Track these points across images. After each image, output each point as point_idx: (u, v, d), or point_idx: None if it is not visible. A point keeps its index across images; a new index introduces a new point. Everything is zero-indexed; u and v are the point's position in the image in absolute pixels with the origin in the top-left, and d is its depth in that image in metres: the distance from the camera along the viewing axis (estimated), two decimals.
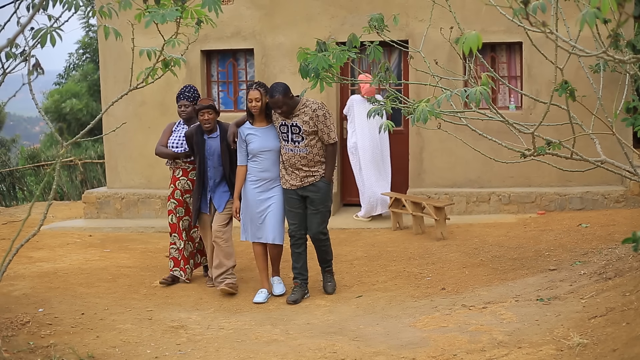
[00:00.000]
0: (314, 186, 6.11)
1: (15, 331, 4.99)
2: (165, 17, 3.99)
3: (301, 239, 6.25)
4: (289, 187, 6.16)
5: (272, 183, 6.24)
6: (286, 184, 6.18)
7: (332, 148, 6.13)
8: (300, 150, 6.06)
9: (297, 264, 6.27)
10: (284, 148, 6.13)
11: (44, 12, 4.26)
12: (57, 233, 9.71)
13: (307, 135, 6.01)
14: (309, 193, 6.12)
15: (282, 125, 6.08)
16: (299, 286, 6.26)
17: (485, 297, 5.78)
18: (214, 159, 6.49)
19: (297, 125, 6.01)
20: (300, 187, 6.12)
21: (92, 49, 24.98)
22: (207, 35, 10.06)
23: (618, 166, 5.72)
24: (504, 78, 9.80)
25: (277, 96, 5.89)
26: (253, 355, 4.64)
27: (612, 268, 5.73)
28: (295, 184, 6.13)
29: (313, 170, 6.11)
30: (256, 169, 6.23)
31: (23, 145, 21.70)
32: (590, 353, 4.03)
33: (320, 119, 6.00)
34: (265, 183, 6.23)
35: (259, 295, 6.28)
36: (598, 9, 3.58)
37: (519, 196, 9.62)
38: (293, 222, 6.22)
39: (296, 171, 6.10)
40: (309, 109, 6.01)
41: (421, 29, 9.35)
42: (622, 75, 5.88)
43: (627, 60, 4.81)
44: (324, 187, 6.14)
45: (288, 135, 6.06)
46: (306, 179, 6.11)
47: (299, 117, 6.01)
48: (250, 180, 6.24)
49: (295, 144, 6.05)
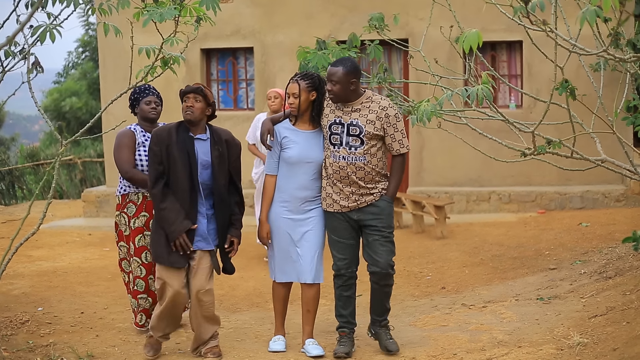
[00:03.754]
0: (374, 207, 4.53)
1: (15, 330, 4.98)
2: (163, 16, 3.98)
3: (352, 279, 4.69)
4: (337, 210, 4.57)
5: (308, 205, 4.64)
6: (333, 205, 4.57)
7: (401, 159, 4.57)
8: (357, 159, 4.49)
9: (345, 310, 4.70)
10: (333, 155, 4.52)
11: (43, 9, 4.24)
12: (56, 232, 9.71)
13: (369, 139, 4.47)
14: (367, 216, 4.54)
15: (334, 123, 4.53)
16: (347, 336, 4.70)
17: (486, 296, 5.78)
18: (201, 172, 4.46)
19: (357, 125, 4.47)
20: (355, 210, 4.56)
21: (92, 47, 24.96)
22: (206, 34, 10.05)
23: (618, 165, 5.71)
24: (504, 77, 9.78)
25: (338, 68, 4.44)
26: (253, 355, 4.64)
27: (612, 267, 5.72)
28: (347, 205, 4.53)
29: (371, 186, 4.52)
30: (290, 186, 4.61)
31: (22, 144, 21.69)
32: (591, 352, 4.02)
33: (391, 120, 4.47)
34: (301, 204, 4.62)
35: (275, 343, 4.79)
36: (599, 7, 3.57)
37: (519, 195, 9.62)
38: (342, 256, 4.62)
39: (348, 187, 4.51)
40: (375, 104, 4.49)
41: (421, 27, 9.34)
42: (622, 74, 5.87)
43: (627, 59, 4.80)
44: (387, 208, 4.55)
45: (342, 137, 4.50)
46: (362, 198, 4.52)
47: (361, 113, 4.48)
48: (280, 200, 4.63)
49: (351, 149, 4.48)
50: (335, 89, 4.44)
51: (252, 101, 10.72)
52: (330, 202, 4.58)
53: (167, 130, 4.42)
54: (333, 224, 4.61)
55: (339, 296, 4.71)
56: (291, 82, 4.58)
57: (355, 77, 4.46)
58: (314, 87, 4.55)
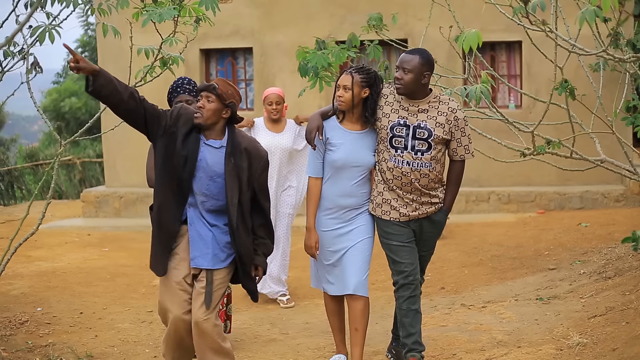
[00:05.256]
0: (432, 220, 4.12)
1: (14, 330, 4.98)
2: (162, 16, 3.98)
3: (419, 288, 4.14)
4: (395, 219, 4.08)
5: (352, 212, 4.17)
6: (390, 213, 4.09)
7: (462, 166, 4.17)
8: (423, 165, 4.01)
9: (414, 328, 4.07)
10: (393, 160, 4.03)
11: (43, 10, 4.25)
12: (55, 232, 9.70)
13: (437, 143, 4.02)
14: (423, 229, 4.13)
15: (397, 125, 4.01)
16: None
17: (485, 296, 5.77)
18: (208, 184, 3.73)
19: (426, 128, 3.99)
20: (414, 220, 4.11)
21: (91, 48, 24.95)
22: (205, 34, 10.03)
23: (618, 165, 5.71)
24: (503, 77, 9.79)
25: (414, 56, 3.95)
26: (252, 355, 4.63)
27: (611, 267, 5.72)
28: (407, 214, 4.07)
29: (433, 195, 4.08)
30: (332, 192, 4.14)
31: (21, 144, 21.68)
32: (590, 352, 4.02)
33: (460, 124, 4.04)
34: (344, 213, 4.16)
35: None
36: (598, 7, 3.57)
37: (518, 195, 9.61)
38: (409, 261, 4.08)
39: (409, 195, 4.05)
40: (444, 106, 4.04)
41: (420, 27, 9.32)
42: (622, 74, 5.87)
43: (627, 59, 4.80)
44: (443, 222, 4.19)
45: (406, 140, 4.01)
46: (422, 207, 4.08)
47: (429, 114, 4.02)
48: (322, 208, 4.19)
49: (417, 154, 4.00)
50: (406, 78, 3.93)
51: (252, 101, 10.72)
52: (387, 209, 4.08)
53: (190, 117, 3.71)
54: (391, 229, 4.09)
55: (405, 312, 4.06)
56: (344, 74, 4.06)
57: (429, 71, 3.98)
58: (369, 84, 4.03)
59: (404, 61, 3.95)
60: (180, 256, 3.74)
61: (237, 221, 3.70)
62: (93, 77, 3.44)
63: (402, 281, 4.05)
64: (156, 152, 3.73)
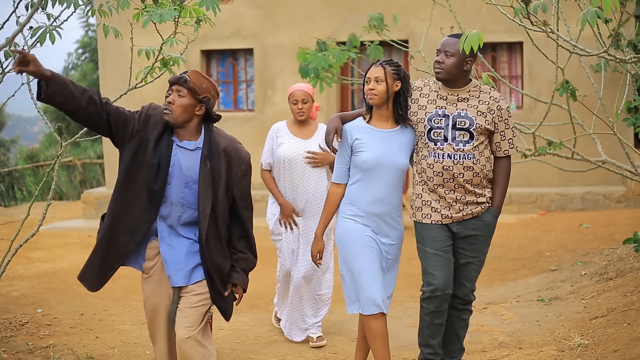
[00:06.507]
0: (480, 220, 3.75)
1: (14, 332, 4.97)
2: (163, 17, 3.97)
3: (447, 302, 3.82)
4: (436, 221, 3.74)
5: (385, 224, 3.79)
6: (430, 215, 3.75)
7: (508, 163, 3.79)
8: (465, 156, 3.66)
9: (434, 340, 3.84)
10: (433, 154, 3.69)
11: (43, 11, 4.24)
12: (56, 233, 9.69)
13: (479, 134, 3.67)
14: (469, 231, 3.75)
15: (435, 115, 3.69)
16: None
17: (486, 297, 5.77)
18: (184, 192, 3.33)
19: (466, 116, 3.66)
20: (457, 222, 3.75)
21: (92, 49, 24.97)
22: (206, 35, 10.04)
23: (619, 166, 5.71)
24: (504, 78, 9.78)
25: (459, 41, 3.58)
26: (253, 356, 4.63)
27: (613, 268, 5.71)
28: (450, 215, 3.72)
29: (479, 194, 3.71)
30: (363, 198, 3.74)
31: (22, 145, 21.69)
32: (591, 354, 4.01)
33: (503, 114, 3.71)
34: (377, 222, 3.77)
35: None
36: (599, 8, 3.57)
37: (519, 196, 9.61)
38: (441, 272, 3.75)
39: (452, 193, 3.69)
40: (485, 95, 3.72)
41: (421, 28, 9.33)
42: (623, 75, 5.86)
43: (628, 60, 4.79)
44: (492, 224, 3.79)
45: (446, 131, 3.68)
46: (467, 207, 3.71)
47: (469, 103, 3.70)
48: (352, 215, 3.75)
49: (458, 145, 3.66)
50: (447, 62, 3.64)
51: (252, 102, 10.72)
52: (427, 211, 3.74)
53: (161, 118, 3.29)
54: (429, 234, 3.74)
55: (428, 324, 3.80)
56: (374, 66, 3.71)
57: (472, 57, 3.68)
58: (399, 77, 3.71)
59: (446, 44, 3.66)
60: (156, 278, 3.43)
61: (208, 233, 3.30)
62: (45, 83, 3.06)
63: (430, 293, 3.76)
64: (121, 159, 3.31)
